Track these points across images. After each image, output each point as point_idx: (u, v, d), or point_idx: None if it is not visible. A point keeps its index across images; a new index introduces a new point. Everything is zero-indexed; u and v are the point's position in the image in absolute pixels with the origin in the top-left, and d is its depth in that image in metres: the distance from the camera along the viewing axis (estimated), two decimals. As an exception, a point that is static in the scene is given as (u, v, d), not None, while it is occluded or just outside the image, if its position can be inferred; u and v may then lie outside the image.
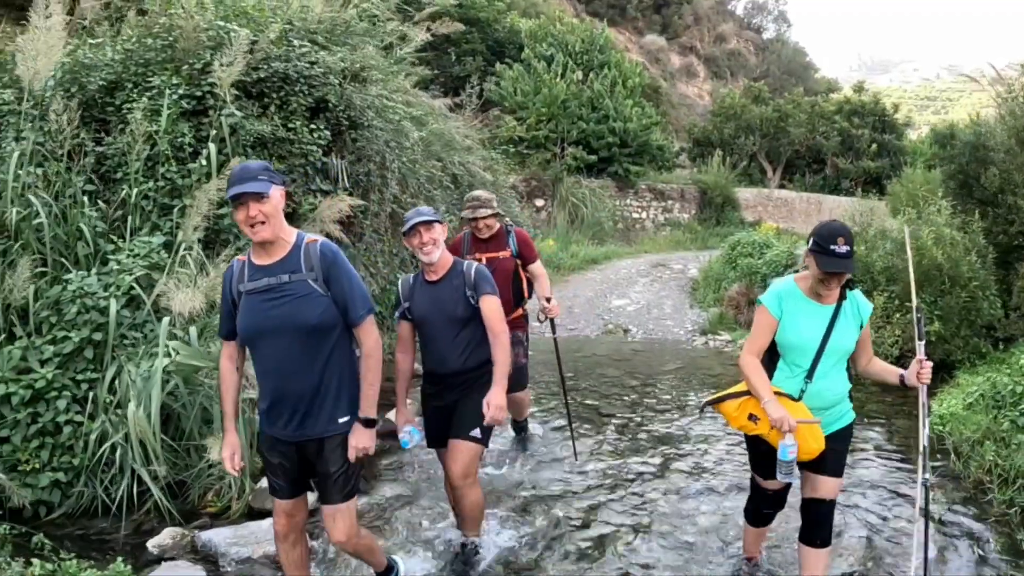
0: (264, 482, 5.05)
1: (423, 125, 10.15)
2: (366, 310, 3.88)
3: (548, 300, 6.26)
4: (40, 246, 6.05)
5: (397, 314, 4.85)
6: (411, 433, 4.49)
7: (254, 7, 8.15)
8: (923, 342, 4.15)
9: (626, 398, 8.63)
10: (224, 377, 4.04)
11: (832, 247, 3.81)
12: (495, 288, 4.69)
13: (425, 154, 9.84)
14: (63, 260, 6.14)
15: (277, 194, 3.73)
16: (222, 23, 7.49)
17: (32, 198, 5.97)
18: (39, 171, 6.27)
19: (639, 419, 7.86)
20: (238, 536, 4.97)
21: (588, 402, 8.33)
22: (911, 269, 4.66)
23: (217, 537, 4.93)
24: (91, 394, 5.48)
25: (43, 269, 5.97)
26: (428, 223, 4.58)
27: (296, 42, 7.73)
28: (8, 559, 4.40)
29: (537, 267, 6.47)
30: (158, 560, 4.73)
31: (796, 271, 11.41)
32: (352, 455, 3.82)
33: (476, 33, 25.04)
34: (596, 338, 12.56)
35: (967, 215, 9.40)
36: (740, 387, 4.20)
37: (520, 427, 7.12)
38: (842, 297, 4.07)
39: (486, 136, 16.97)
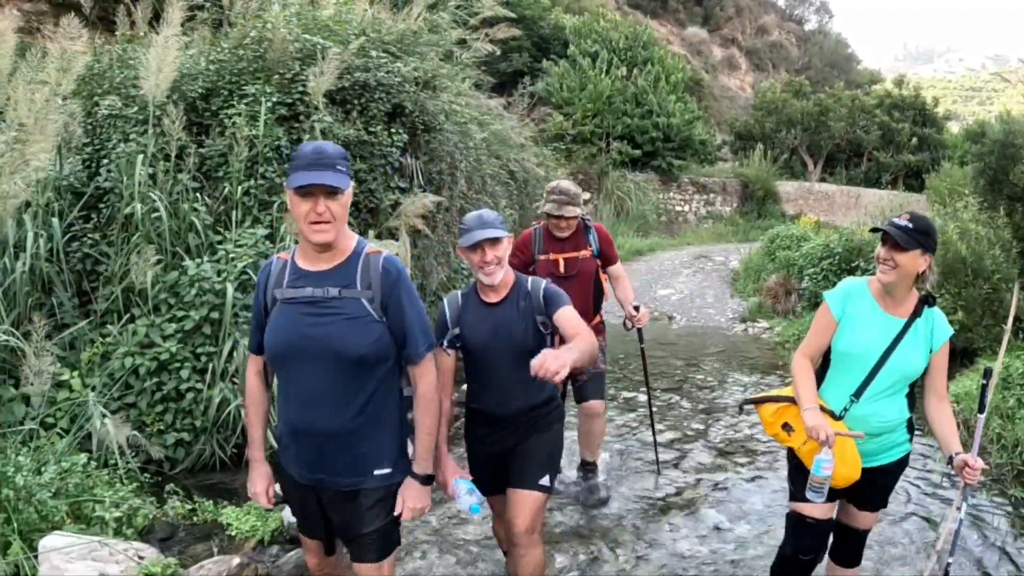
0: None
1: (483, 126, 10.92)
2: (427, 345, 3.28)
3: (637, 309, 5.71)
4: (157, 237, 6.88)
5: (444, 342, 3.89)
6: (472, 491, 3.70)
7: (332, 19, 8.93)
8: (984, 415, 3.76)
9: (673, 376, 9.41)
10: (252, 397, 3.49)
11: (894, 220, 3.55)
12: (567, 298, 3.90)
13: (486, 153, 10.61)
14: (176, 249, 6.97)
15: (349, 192, 3.14)
16: (308, 36, 8.27)
17: (153, 195, 6.80)
18: (150, 171, 7.08)
19: (685, 392, 8.69)
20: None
21: (638, 378, 8.99)
22: (1007, 336, 4.10)
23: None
24: (210, 365, 6.27)
25: (158, 257, 6.79)
26: (495, 240, 3.75)
27: (374, 53, 8.49)
28: (153, 502, 5.24)
29: (618, 269, 5.81)
30: (283, 501, 5.53)
31: (832, 262, 12.09)
32: (407, 515, 3.27)
33: (522, 30, 25.75)
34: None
35: (993, 211, 9.98)
36: (784, 391, 3.89)
37: (588, 469, 6.09)
38: (917, 314, 3.62)
39: (535, 132, 17.71)
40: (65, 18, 7.01)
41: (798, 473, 3.75)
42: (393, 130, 8.17)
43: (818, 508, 3.70)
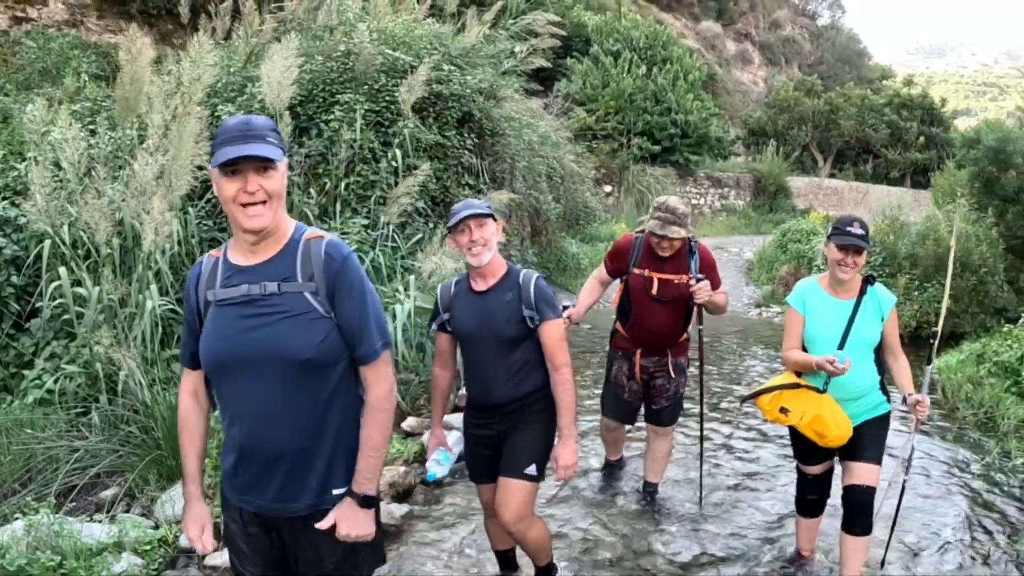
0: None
1: (531, 128, 12.23)
2: (382, 343, 2.77)
3: (698, 280, 4.99)
4: (272, 226, 8.11)
5: (435, 326, 4.10)
6: (440, 461, 3.90)
7: (406, 35, 10.18)
8: (932, 366, 4.42)
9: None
10: (186, 422, 2.93)
11: (848, 229, 4.14)
12: (559, 310, 3.92)
13: (535, 153, 11.92)
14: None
15: (284, 168, 2.68)
16: (390, 51, 9.54)
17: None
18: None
19: (709, 364, 9.97)
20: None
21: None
22: (947, 290, 4.90)
23: (455, 421, 6.36)
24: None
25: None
26: (479, 216, 3.76)
27: (445, 67, 9.78)
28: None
29: (721, 297, 5.18)
30: (409, 434, 6.73)
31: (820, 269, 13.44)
32: (342, 535, 2.71)
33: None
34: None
35: (982, 212, 11.32)
36: (774, 381, 4.50)
37: (650, 489, 5.73)
38: (863, 293, 4.29)
39: (566, 130, 18.95)
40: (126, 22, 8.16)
41: (799, 445, 4.54)
42: (464, 134, 9.45)
43: (815, 468, 4.54)
